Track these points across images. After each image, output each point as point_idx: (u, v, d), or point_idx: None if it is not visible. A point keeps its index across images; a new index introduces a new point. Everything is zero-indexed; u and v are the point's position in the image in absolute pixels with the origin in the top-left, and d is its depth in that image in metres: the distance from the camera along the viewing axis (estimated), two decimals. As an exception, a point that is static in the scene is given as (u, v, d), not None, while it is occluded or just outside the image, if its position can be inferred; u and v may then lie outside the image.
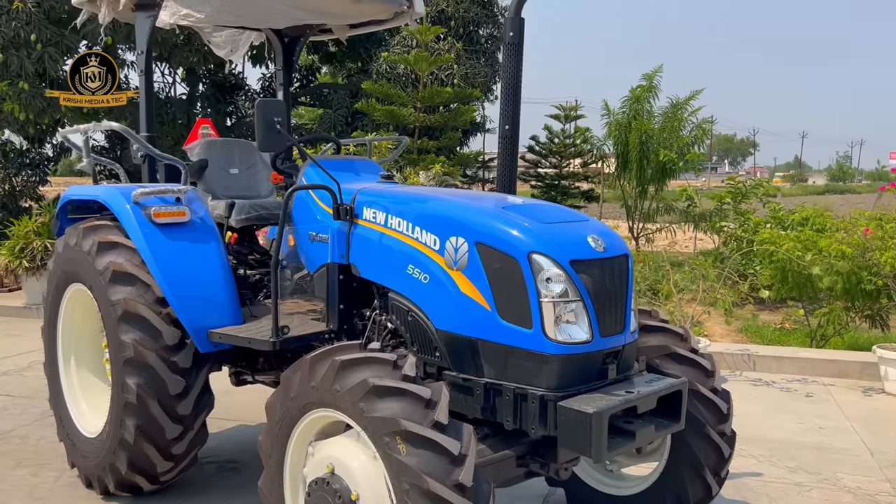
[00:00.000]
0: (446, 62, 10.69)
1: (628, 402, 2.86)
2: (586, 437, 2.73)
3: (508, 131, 3.90)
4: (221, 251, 4.07)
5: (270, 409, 3.07)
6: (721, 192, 11.97)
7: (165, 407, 3.82)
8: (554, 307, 2.88)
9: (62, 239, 4.41)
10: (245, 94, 14.03)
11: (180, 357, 3.85)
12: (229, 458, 4.83)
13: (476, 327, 3.05)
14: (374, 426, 2.60)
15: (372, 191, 3.68)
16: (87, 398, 4.55)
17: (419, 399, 2.60)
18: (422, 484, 2.45)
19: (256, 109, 3.48)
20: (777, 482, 4.54)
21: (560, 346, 2.87)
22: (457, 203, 3.32)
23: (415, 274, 3.28)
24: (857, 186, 78.74)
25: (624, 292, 3.10)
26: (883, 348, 6.57)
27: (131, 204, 3.96)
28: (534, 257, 2.90)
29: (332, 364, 2.77)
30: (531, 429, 2.92)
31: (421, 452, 2.50)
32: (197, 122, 5.48)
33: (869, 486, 4.49)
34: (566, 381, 2.90)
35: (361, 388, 2.65)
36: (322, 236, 3.81)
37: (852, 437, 5.37)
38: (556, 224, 3.11)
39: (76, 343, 4.60)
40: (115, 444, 3.93)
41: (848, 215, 9.08)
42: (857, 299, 7.62)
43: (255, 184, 5.03)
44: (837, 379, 6.92)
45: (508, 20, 3.87)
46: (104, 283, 3.91)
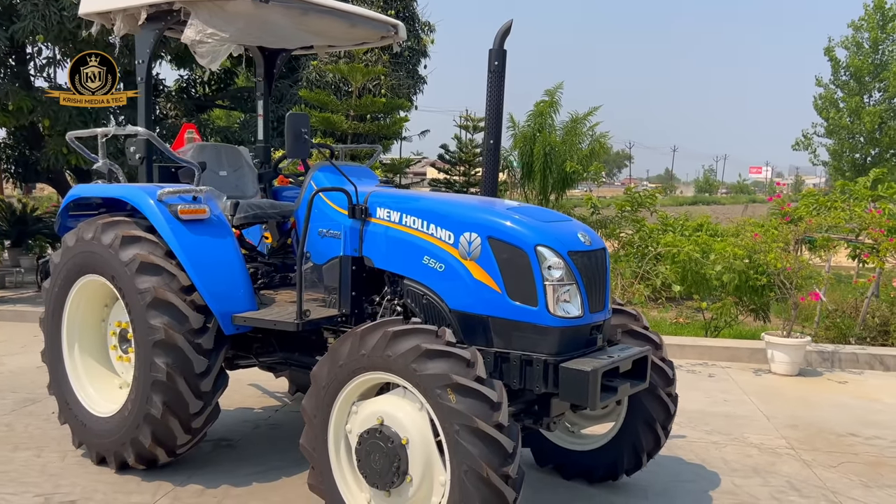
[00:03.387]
0: (379, 73, 11.29)
1: (613, 363, 3.61)
2: (584, 390, 3.45)
3: (492, 145, 4.59)
4: (236, 245, 4.55)
5: (317, 377, 3.62)
6: (620, 201, 13.15)
7: (190, 384, 4.27)
8: (555, 289, 3.60)
9: (73, 233, 4.73)
10: (162, 95, 14.07)
11: (204, 339, 4.30)
12: (221, 437, 5.27)
13: (488, 307, 3.72)
14: (426, 382, 3.23)
15: (383, 193, 4.29)
16: (93, 383, 4.87)
17: (462, 359, 3.25)
18: (471, 423, 3.11)
19: (287, 121, 4.01)
20: (698, 442, 5.46)
21: (559, 320, 3.59)
22: (468, 205, 4.00)
23: (430, 264, 3.92)
24: (722, 198, 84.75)
25: (604, 278, 3.87)
26: (770, 335, 7.73)
27: (157, 202, 4.38)
28: (539, 249, 3.61)
29: (385, 334, 3.37)
30: (535, 387, 3.61)
31: (468, 400, 3.16)
32: (182, 127, 5.82)
33: (769, 443, 5.48)
34: (563, 348, 3.62)
35: (414, 351, 3.27)
36: (333, 232, 4.38)
37: (751, 407, 6.41)
38: (552, 223, 3.84)
39: (80, 332, 4.92)
40: (140, 420, 4.32)
41: (731, 223, 10.37)
42: (745, 295, 8.82)
43: (242, 185, 5.49)
44: (732, 363, 8.04)
45: (493, 52, 4.54)
46: (130, 273, 4.30)
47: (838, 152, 30.50)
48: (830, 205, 9.64)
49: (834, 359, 8.10)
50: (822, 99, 30.26)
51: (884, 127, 28.76)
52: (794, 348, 7.54)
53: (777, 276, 7.86)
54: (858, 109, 29.14)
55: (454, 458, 3.18)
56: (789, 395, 6.86)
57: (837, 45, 30.00)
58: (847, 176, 29.98)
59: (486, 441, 3.11)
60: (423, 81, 14.48)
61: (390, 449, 3.35)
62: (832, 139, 30.62)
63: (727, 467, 4.97)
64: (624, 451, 4.40)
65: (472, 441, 3.11)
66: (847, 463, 5.11)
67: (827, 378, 7.54)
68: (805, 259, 8.36)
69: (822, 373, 7.75)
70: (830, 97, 30.04)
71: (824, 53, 30.10)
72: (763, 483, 4.71)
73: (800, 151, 31.84)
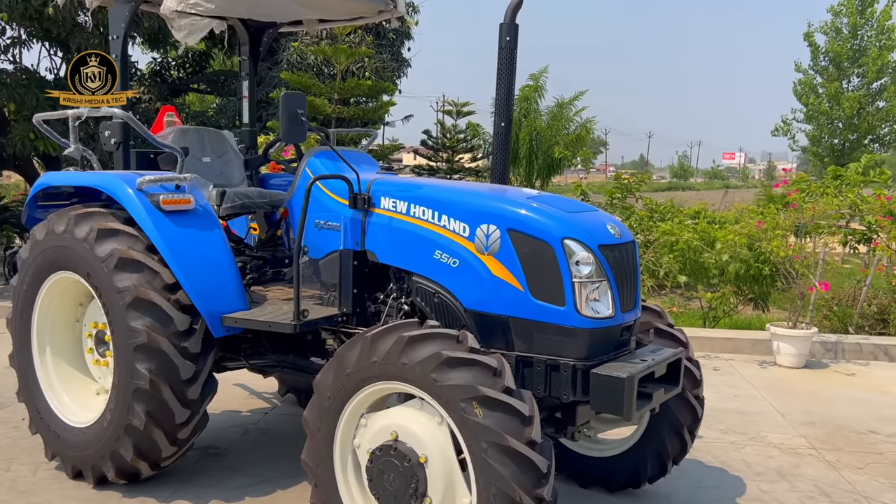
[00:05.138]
0: (364, 55, 10.85)
1: (649, 367, 3.29)
2: (619, 399, 3.12)
3: (503, 128, 4.23)
4: (225, 238, 4.15)
5: (320, 386, 3.25)
6: (610, 188, 12.86)
7: (176, 392, 3.87)
8: (584, 287, 3.25)
9: (43, 226, 4.29)
10: (135, 79, 13.50)
11: (191, 342, 3.90)
12: (209, 444, 4.88)
13: (508, 306, 3.37)
14: (449, 393, 2.87)
15: (387, 181, 3.91)
16: (68, 390, 4.46)
17: (488, 368, 2.90)
18: (501, 441, 2.76)
19: (281, 102, 3.61)
20: (715, 442, 5.17)
21: (589, 321, 3.25)
22: (484, 193, 3.63)
23: (442, 259, 3.55)
24: (696, 184, 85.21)
25: (635, 273, 3.53)
26: (775, 326, 7.48)
27: (136, 191, 3.96)
28: (567, 242, 3.26)
29: (399, 339, 3.01)
30: (563, 395, 3.28)
31: (496, 414, 2.81)
32: (161, 110, 5.39)
33: (789, 442, 5.22)
34: (593, 351, 3.28)
35: (433, 360, 2.91)
36: (332, 224, 3.99)
37: (762, 402, 6.15)
38: (579, 213, 3.50)
39: (52, 334, 4.49)
40: (120, 432, 3.92)
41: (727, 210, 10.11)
42: (744, 284, 8.57)
43: (228, 172, 5.08)
44: (734, 354, 7.79)
45: (504, 26, 4.17)
46: (108, 270, 3.89)
47: (817, 138, 30.56)
48: (822, 191, 9.45)
49: (837, 349, 7.89)
50: (802, 84, 30.27)
51: (862, 112, 28.84)
52: (801, 340, 7.30)
53: (783, 264, 7.60)
54: (838, 95, 29.17)
55: (481, 479, 2.83)
56: (799, 388, 6.61)
57: (817, 30, 29.97)
58: (826, 161, 30.02)
59: (518, 460, 2.77)
60: (407, 65, 14.04)
61: (407, 468, 3.00)
62: (811, 125, 30.65)
63: (750, 471, 4.69)
64: (647, 457, 4.10)
65: (502, 460, 2.77)
66: (873, 464, 4.86)
67: (834, 370, 7.32)
68: (808, 247, 8.12)
69: (828, 364, 7.53)
70: (810, 83, 30.05)
71: (804, 39, 30.07)
72: (791, 488, 4.44)
73: (779, 137, 31.85)
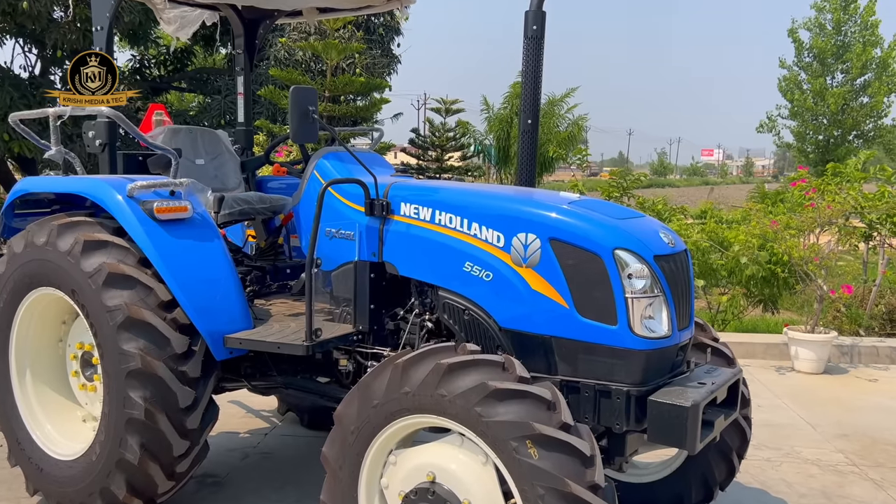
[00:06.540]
0: (355, 51, 10.43)
1: (712, 393, 2.94)
2: (682, 430, 2.77)
3: (530, 125, 3.89)
4: (225, 249, 3.76)
5: (343, 419, 2.87)
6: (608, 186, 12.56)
7: (174, 422, 3.47)
8: (638, 303, 2.90)
9: (21, 237, 3.87)
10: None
11: (190, 366, 3.50)
12: (206, 472, 4.47)
13: (551, 325, 3.01)
14: (497, 431, 2.50)
15: (407, 185, 3.54)
16: (52, 418, 4.04)
17: (541, 401, 2.54)
18: (562, 487, 2.40)
19: (291, 97, 3.24)
20: (750, 459, 4.82)
21: (644, 342, 2.90)
22: (518, 198, 3.26)
23: (474, 272, 3.19)
24: (676, 181, 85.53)
25: (689, 287, 3.18)
26: (793, 330, 7.19)
27: (126, 198, 3.55)
28: (618, 253, 2.91)
29: (437, 368, 2.63)
30: (615, 424, 2.93)
31: (554, 455, 2.45)
32: (150, 108, 4.99)
33: (826, 458, 4.91)
34: (648, 375, 2.93)
35: (478, 391, 2.54)
36: (345, 233, 3.62)
37: (789, 413, 5.84)
38: (628, 220, 3.14)
39: (32, 356, 4.07)
40: (112, 466, 3.51)
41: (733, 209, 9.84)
42: (755, 286, 8.28)
43: (223, 175, 4.69)
44: (749, 360, 7.48)
45: (531, 14, 3.82)
46: (95, 287, 3.48)
47: (802, 134, 30.55)
48: (823, 188, 9.21)
49: (853, 353, 7.62)
50: (787, 81, 30.24)
51: (847, 108, 28.84)
52: (820, 344, 7.01)
53: (803, 265, 7.30)
54: (822, 91, 29.14)
55: (536, 529, 2.47)
56: (823, 396, 6.32)
57: (800, 26, 29.95)
58: (811, 157, 29.99)
59: (580, 507, 2.41)
60: (397, 61, 13.62)
61: (447, 514, 2.63)
62: (796, 121, 30.63)
63: (793, 492, 4.38)
64: (692, 482, 3.76)
65: (562, 508, 2.41)
66: (920, 481, 4.56)
67: (855, 375, 7.04)
68: (822, 247, 7.84)
69: (847, 369, 7.26)
70: (794, 79, 30.02)
71: (788, 35, 30.05)
72: (840, 512, 4.13)
73: (763, 133, 31.83)
